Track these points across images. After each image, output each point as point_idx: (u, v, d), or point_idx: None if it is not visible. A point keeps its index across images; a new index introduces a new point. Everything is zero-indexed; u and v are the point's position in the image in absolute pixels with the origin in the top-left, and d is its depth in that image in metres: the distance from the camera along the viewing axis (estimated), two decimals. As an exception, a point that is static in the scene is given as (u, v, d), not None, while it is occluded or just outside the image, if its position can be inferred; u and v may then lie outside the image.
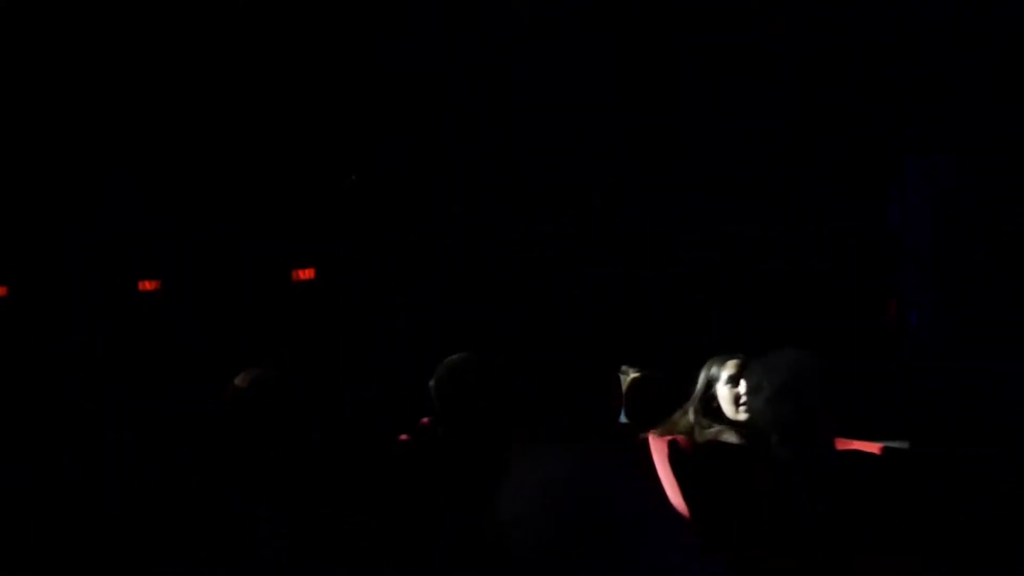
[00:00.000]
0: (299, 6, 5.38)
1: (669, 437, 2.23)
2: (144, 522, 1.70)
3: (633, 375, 2.62)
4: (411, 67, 5.49)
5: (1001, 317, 3.65)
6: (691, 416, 2.42)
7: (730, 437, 2.37)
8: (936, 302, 4.01)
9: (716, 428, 2.38)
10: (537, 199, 5.72)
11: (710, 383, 2.43)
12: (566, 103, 5.34)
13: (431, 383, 2.40)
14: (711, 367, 2.45)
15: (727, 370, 2.42)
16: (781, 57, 4.79)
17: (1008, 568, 1.88)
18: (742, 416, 2.34)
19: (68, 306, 6.22)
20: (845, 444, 2.08)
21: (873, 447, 2.07)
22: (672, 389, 2.47)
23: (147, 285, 6.61)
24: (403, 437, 2.40)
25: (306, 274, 6.78)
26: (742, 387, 2.26)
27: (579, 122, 5.40)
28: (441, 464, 2.23)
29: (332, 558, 1.67)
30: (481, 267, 5.97)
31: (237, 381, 2.35)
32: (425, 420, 2.43)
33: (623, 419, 2.35)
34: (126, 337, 5.85)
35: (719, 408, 2.41)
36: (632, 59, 5.17)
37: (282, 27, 5.43)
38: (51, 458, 1.92)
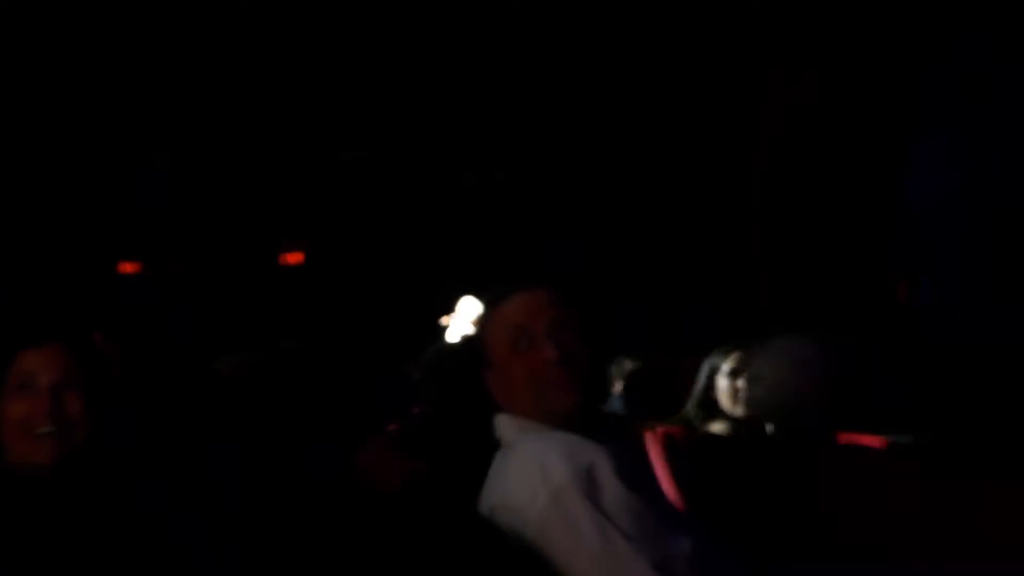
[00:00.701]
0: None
1: (664, 429, 2.18)
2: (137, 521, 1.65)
3: (630, 365, 2.55)
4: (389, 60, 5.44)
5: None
6: (690, 409, 2.35)
7: (723, 430, 2.31)
8: (953, 283, 3.97)
9: (712, 422, 2.32)
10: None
11: (711, 374, 2.35)
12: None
13: (417, 372, 2.34)
14: (713, 358, 2.37)
15: (728, 362, 2.34)
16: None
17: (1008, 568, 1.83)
18: (739, 411, 2.27)
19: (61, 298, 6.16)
20: (848, 438, 2.02)
21: (877, 441, 2.01)
22: (671, 379, 2.41)
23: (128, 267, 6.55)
24: (392, 427, 2.35)
25: (295, 258, 6.74)
26: (741, 382, 2.20)
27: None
28: (430, 454, 2.17)
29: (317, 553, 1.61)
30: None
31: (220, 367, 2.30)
32: (416, 410, 2.38)
33: (621, 409, 2.30)
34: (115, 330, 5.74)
35: (717, 401, 2.33)
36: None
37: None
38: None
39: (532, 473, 1.44)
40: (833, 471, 1.88)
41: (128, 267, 6.54)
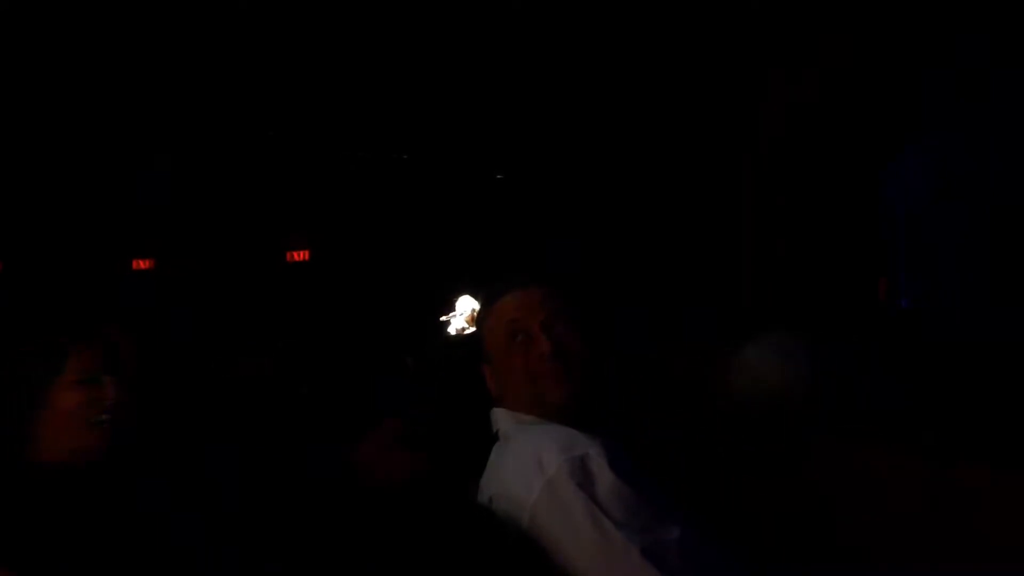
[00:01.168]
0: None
1: (656, 422, 2.18)
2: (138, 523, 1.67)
3: (626, 363, 2.56)
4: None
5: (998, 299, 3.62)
6: (682, 404, 2.37)
7: (715, 426, 2.32)
8: (953, 283, 3.98)
9: (704, 417, 2.33)
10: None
11: (704, 370, 2.37)
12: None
13: (419, 368, 2.34)
14: (707, 354, 2.38)
15: (720, 358, 2.35)
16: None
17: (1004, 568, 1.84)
18: (730, 408, 2.28)
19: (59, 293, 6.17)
20: (844, 437, 2.02)
21: (874, 440, 2.01)
22: (668, 377, 2.43)
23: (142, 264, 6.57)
24: (396, 424, 2.35)
25: (300, 255, 6.75)
26: (732, 378, 2.21)
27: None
28: (431, 449, 2.18)
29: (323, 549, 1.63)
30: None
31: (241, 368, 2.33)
32: (416, 409, 2.38)
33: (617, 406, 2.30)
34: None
35: (709, 397, 2.35)
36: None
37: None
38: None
39: (528, 464, 1.47)
40: (828, 470, 1.89)
41: (142, 263, 6.56)
